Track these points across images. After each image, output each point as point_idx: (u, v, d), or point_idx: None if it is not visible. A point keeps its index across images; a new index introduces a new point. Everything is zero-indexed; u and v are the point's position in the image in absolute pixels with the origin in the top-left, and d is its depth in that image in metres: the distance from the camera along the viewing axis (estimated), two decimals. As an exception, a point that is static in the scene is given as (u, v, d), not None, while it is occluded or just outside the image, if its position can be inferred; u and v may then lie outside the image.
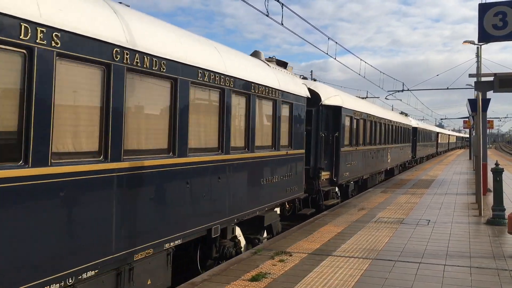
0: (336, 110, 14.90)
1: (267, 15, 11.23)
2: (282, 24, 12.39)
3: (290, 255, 8.04)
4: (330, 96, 14.77)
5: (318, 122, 13.99)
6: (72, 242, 4.70)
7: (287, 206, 11.54)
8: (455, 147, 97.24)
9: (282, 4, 11.63)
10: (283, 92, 10.32)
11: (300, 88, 11.59)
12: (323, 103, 14.15)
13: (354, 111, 16.82)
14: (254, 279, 6.68)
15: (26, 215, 4.18)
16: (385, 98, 37.09)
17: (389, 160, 24.02)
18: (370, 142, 19.67)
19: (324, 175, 14.11)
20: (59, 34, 4.47)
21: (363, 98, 25.55)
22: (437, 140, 55.59)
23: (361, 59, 23.18)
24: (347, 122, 15.98)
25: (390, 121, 24.42)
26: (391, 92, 35.26)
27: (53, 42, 4.41)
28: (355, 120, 16.93)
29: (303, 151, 11.65)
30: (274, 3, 11.42)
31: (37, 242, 4.32)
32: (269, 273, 6.97)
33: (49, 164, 4.39)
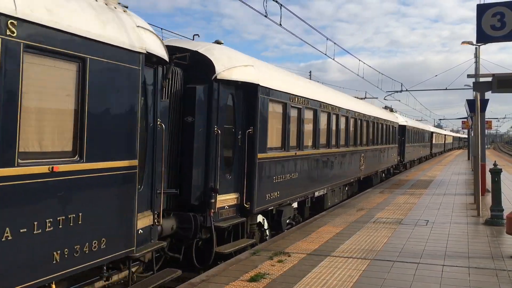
0: (249, 91, 9.12)
1: (265, 16, 11.24)
2: (280, 24, 12.41)
3: (289, 256, 8.04)
4: (234, 66, 8.76)
5: (210, 109, 8.32)
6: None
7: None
8: (452, 148, 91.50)
9: (281, 4, 11.65)
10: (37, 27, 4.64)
11: (117, 32, 5.69)
12: (219, 77, 8.41)
13: (290, 95, 10.89)
14: (252, 279, 6.68)
15: None
16: (384, 99, 37.08)
17: (362, 167, 18.08)
18: (327, 144, 13.87)
19: (223, 200, 8.53)
20: None
21: (361, 98, 25.09)
22: (432, 141, 50.53)
23: (359, 60, 23.23)
24: (274, 110, 10.19)
25: (364, 115, 18.36)
26: (390, 93, 35.30)
27: None
28: (292, 110, 11.06)
29: (123, 163, 5.79)
30: (272, 3, 11.44)
31: None
32: (268, 274, 6.97)
33: None
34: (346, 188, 16.84)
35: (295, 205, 11.68)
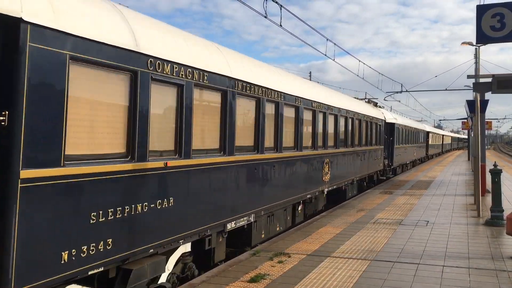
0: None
1: (265, 17, 11.25)
2: (280, 25, 12.41)
3: (289, 256, 8.04)
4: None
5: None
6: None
7: None
8: (450, 149, 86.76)
9: (281, 5, 11.65)
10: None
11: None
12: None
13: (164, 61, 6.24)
14: (252, 280, 6.68)
15: None
16: (384, 99, 37.12)
17: (325, 178, 13.24)
18: (255, 148, 9.05)
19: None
20: None
21: (361, 99, 24.90)
22: (428, 141, 46.39)
23: (359, 61, 23.23)
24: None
25: (329, 107, 13.53)
26: (390, 93, 35.31)
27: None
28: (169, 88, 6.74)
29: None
30: (272, 4, 11.45)
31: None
32: (268, 274, 6.97)
33: None
34: (299, 208, 12.01)
35: (181, 251, 7.09)
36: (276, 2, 11.44)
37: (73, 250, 4.76)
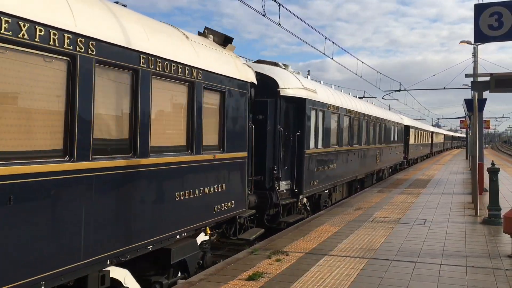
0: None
1: (263, 15, 11.25)
2: (279, 24, 12.42)
3: (287, 255, 8.05)
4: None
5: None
6: None
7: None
8: (443, 149, 74.67)
9: (279, 4, 11.65)
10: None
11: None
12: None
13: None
14: (250, 278, 6.69)
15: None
16: (382, 98, 37.16)
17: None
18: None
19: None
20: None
21: (360, 98, 24.96)
22: (408, 140, 32.92)
23: (358, 59, 23.25)
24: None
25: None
26: (388, 92, 35.35)
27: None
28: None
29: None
30: (271, 3, 11.44)
31: None
32: (266, 273, 6.98)
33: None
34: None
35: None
36: (275, 1, 11.44)
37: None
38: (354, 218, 11.76)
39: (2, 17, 4.17)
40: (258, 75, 10.07)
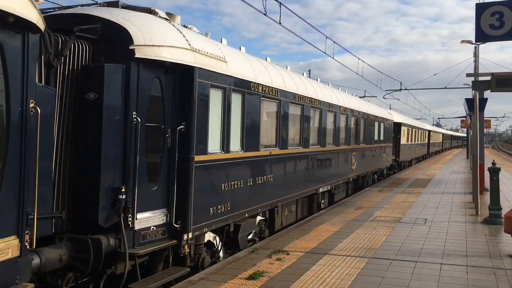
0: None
1: (264, 14, 11.25)
2: (280, 23, 12.42)
3: (287, 254, 8.05)
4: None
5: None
6: None
7: None
8: (441, 149, 68.55)
9: (280, 3, 11.65)
10: None
11: None
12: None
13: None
14: (251, 277, 6.69)
15: None
16: (383, 97, 37.13)
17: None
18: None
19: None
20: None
21: (361, 97, 24.87)
22: (399, 140, 28.79)
23: (359, 58, 23.26)
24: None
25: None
26: (389, 91, 35.33)
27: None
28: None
29: None
30: (272, 2, 11.44)
31: None
32: (266, 272, 6.98)
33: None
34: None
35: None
36: (276, 0, 11.43)
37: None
38: (354, 218, 11.76)
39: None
40: (101, 23, 6.33)
